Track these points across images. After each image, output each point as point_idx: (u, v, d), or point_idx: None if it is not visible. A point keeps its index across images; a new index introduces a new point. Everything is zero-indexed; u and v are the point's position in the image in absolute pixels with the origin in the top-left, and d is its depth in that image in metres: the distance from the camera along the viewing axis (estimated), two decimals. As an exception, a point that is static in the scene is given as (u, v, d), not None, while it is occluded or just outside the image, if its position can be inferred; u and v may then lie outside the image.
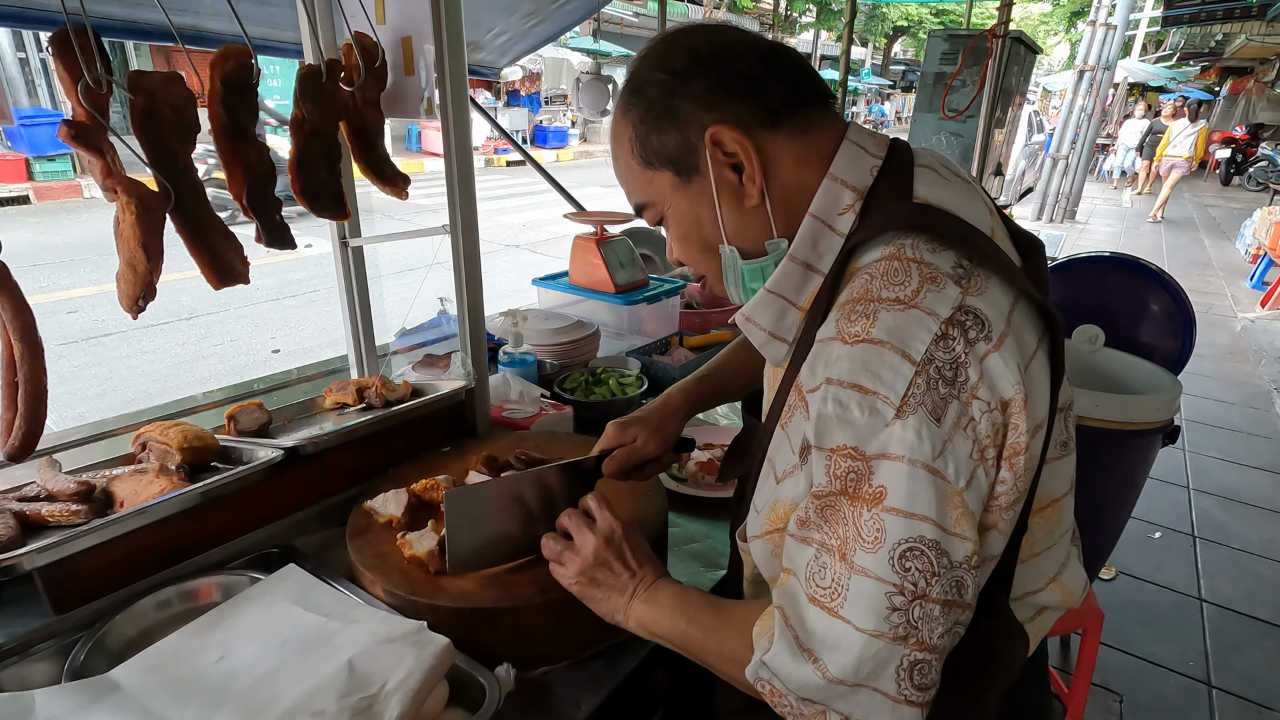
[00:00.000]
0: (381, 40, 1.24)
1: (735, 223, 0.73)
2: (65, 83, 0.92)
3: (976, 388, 0.56)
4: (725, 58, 0.70)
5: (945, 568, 0.56)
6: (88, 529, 0.84)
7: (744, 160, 0.69)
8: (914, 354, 0.56)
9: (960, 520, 0.56)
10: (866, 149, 0.70)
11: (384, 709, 0.68)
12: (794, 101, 0.70)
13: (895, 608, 0.56)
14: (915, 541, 0.55)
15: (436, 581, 0.88)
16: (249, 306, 5.43)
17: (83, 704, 0.70)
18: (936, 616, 0.56)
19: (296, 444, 1.06)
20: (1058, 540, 0.70)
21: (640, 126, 0.72)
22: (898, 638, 0.56)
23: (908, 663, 0.57)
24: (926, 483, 0.55)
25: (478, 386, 1.32)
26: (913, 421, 0.55)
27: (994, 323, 0.58)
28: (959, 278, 0.59)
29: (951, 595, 0.57)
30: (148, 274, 1.01)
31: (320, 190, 1.16)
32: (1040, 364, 0.60)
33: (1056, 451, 0.67)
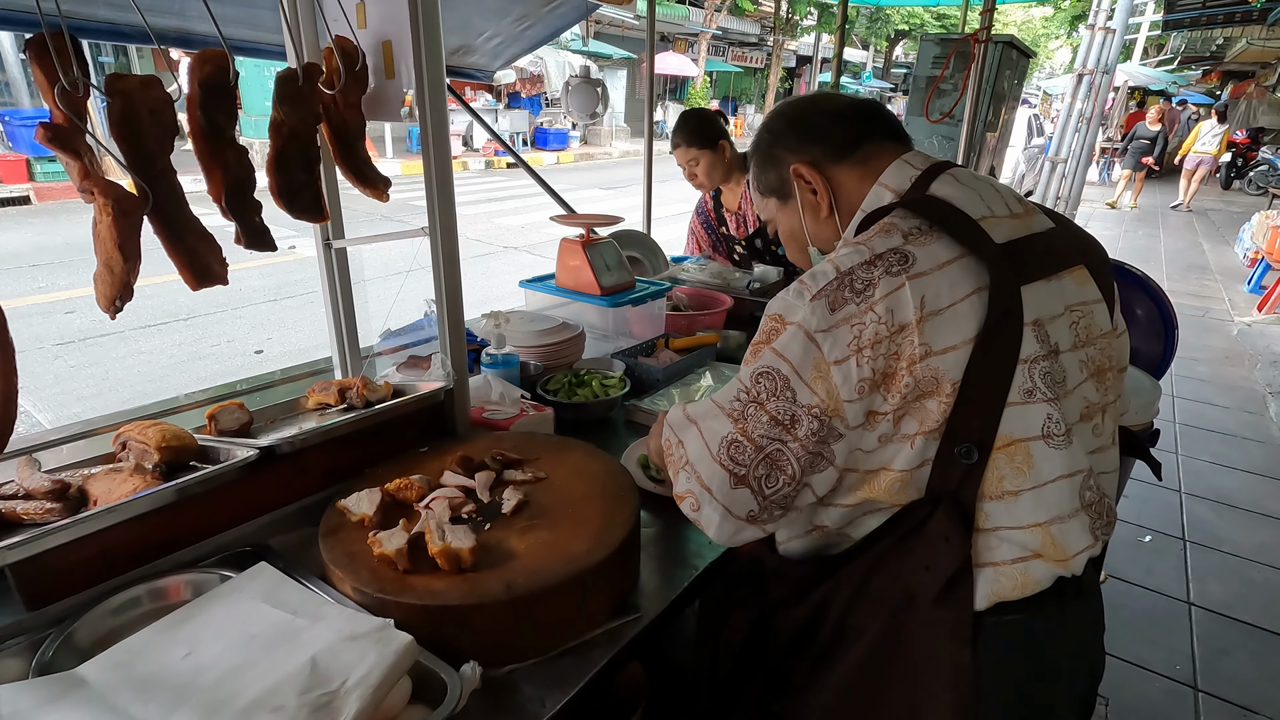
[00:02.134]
0: (362, 44, 1.26)
1: (815, 229, 1.02)
2: (42, 86, 0.93)
3: (876, 303, 0.77)
4: (806, 117, 1.00)
5: (786, 399, 0.79)
6: (59, 526, 0.85)
7: (816, 186, 0.98)
8: (842, 267, 0.80)
9: (816, 380, 0.78)
10: (913, 165, 0.93)
11: (343, 705, 0.68)
12: (856, 140, 0.97)
13: (738, 399, 0.83)
14: (772, 370, 0.81)
15: (405, 580, 0.89)
16: (246, 307, 5.44)
17: (47, 700, 0.71)
18: (763, 421, 0.81)
19: (272, 443, 1.07)
20: (1041, 487, 0.79)
21: (756, 170, 1.07)
22: (730, 416, 0.84)
23: (730, 437, 0.83)
24: (802, 342, 0.79)
25: (457, 387, 1.33)
26: (814, 305, 0.79)
27: (919, 263, 0.78)
28: (908, 232, 0.82)
29: (783, 418, 0.80)
30: (125, 275, 1.02)
31: (298, 192, 1.17)
32: (971, 306, 0.77)
33: (1018, 397, 0.78)
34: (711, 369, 1.89)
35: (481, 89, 15.85)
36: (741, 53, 25.34)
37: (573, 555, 0.94)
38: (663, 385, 1.76)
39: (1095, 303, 0.89)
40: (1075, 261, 0.89)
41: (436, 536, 0.89)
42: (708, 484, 0.84)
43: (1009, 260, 0.79)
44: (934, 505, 0.79)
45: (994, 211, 0.86)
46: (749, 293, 2.40)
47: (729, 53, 24.92)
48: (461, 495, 1.05)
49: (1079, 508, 0.82)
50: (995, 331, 0.76)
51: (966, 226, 0.81)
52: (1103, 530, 0.87)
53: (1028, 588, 0.81)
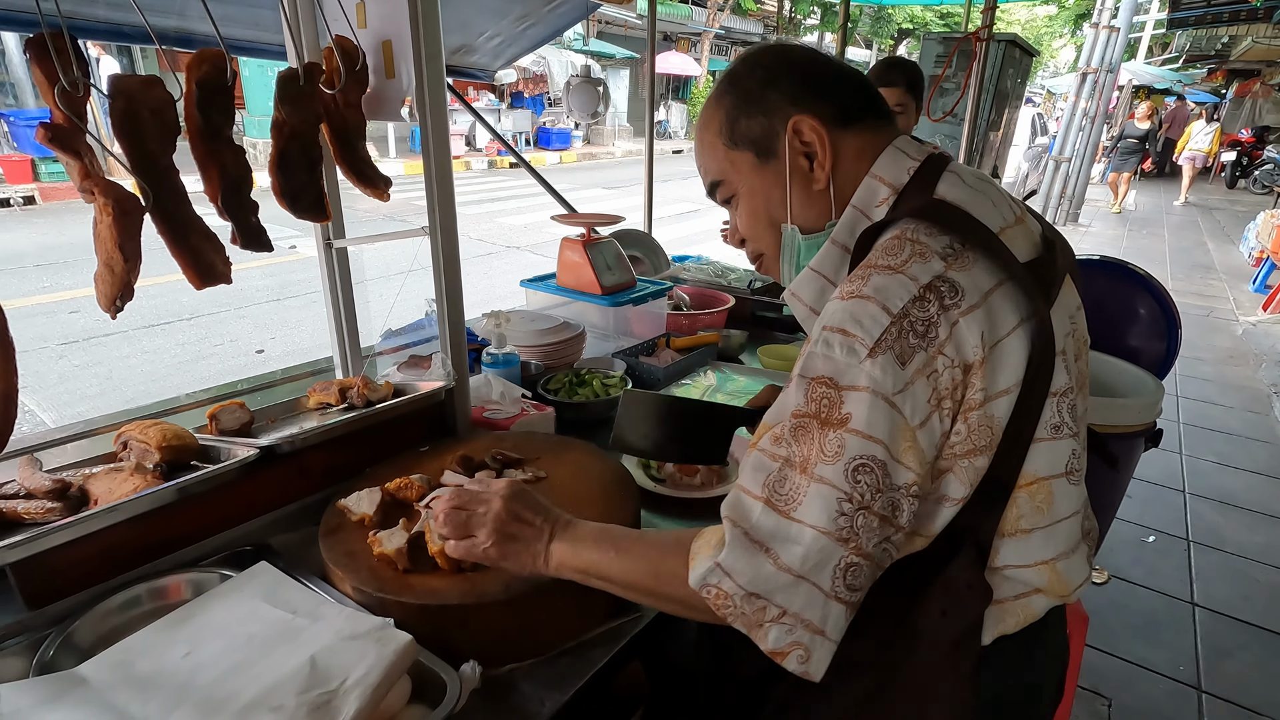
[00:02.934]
0: (362, 44, 1.25)
1: (801, 203, 0.84)
2: (42, 86, 0.94)
3: (944, 345, 0.65)
4: (813, 64, 0.83)
5: (888, 487, 0.66)
6: (59, 526, 0.86)
7: (818, 149, 0.81)
8: (892, 308, 0.66)
9: (907, 451, 0.66)
10: (908, 154, 0.82)
11: (342, 704, 0.68)
12: (863, 109, 0.83)
13: (843, 512, 0.65)
14: (868, 459, 0.65)
15: (404, 579, 0.89)
16: (250, 307, 5.45)
17: (47, 699, 0.71)
18: (875, 527, 0.66)
19: (272, 443, 1.07)
20: (1054, 524, 0.75)
21: (733, 110, 0.84)
22: (841, 539, 0.65)
23: (845, 563, 0.66)
24: (885, 412, 0.65)
25: (457, 386, 1.33)
26: (881, 361, 0.65)
27: (968, 294, 0.67)
28: (946, 255, 0.69)
29: (887, 512, 0.66)
30: (125, 275, 1.02)
31: (300, 192, 1.17)
32: (1018, 340, 0.68)
33: (1046, 433, 0.72)
34: (713, 368, 1.89)
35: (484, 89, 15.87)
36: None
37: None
38: (664, 385, 1.76)
39: (1079, 310, 0.84)
40: (1065, 269, 0.83)
41: (436, 536, 0.89)
42: (822, 627, 0.68)
43: (1039, 284, 0.71)
44: (955, 547, 0.72)
45: (1005, 220, 0.78)
46: (750, 292, 2.39)
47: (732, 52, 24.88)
48: (461, 495, 1.04)
49: (1080, 539, 0.80)
50: (1039, 370, 0.69)
51: (998, 246, 0.71)
52: (1094, 554, 0.86)
53: (1027, 620, 0.77)
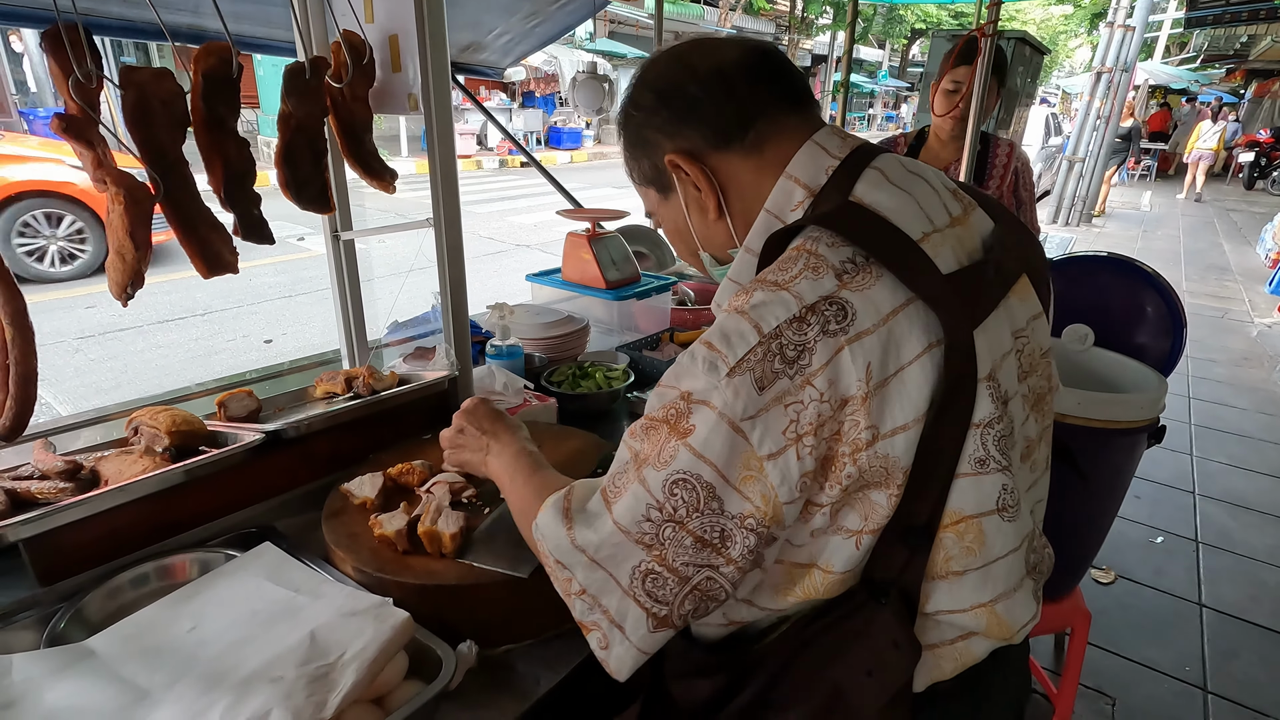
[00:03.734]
0: (370, 39, 1.28)
1: (703, 232, 0.81)
2: (57, 78, 0.96)
3: (814, 375, 0.59)
4: (680, 89, 0.75)
5: (713, 511, 0.61)
6: (70, 504, 0.88)
7: (698, 182, 0.76)
8: (765, 327, 0.60)
9: (748, 480, 0.60)
10: (828, 150, 0.73)
11: (339, 677, 0.70)
12: (747, 119, 0.74)
13: (650, 519, 0.63)
14: (690, 477, 0.61)
15: (404, 560, 0.91)
16: (262, 303, 5.51)
17: (57, 669, 0.74)
18: (687, 545, 0.62)
19: (278, 428, 1.09)
20: (990, 565, 0.68)
21: (626, 153, 0.83)
22: (641, 542, 0.64)
23: (645, 568, 0.64)
24: (726, 436, 0.60)
25: (461, 376, 1.35)
26: (736, 383, 0.59)
27: (861, 318, 0.60)
28: (843, 271, 0.62)
29: (710, 537, 0.62)
30: (136, 263, 1.05)
31: (305, 183, 1.19)
32: (922, 368, 0.61)
33: (969, 468, 0.65)
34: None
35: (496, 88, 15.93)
36: (756, 52, 25.24)
37: (569, 539, 0.95)
38: (666, 378, 1.77)
39: (1036, 319, 0.76)
40: (1019, 272, 0.74)
41: (429, 519, 0.91)
42: (619, 621, 0.67)
43: (961, 300, 0.63)
44: (878, 600, 0.66)
45: (935, 223, 0.69)
46: (755, 288, 2.40)
47: (743, 52, 24.83)
48: (462, 480, 1.06)
49: (1024, 575, 0.73)
50: (949, 400, 0.62)
51: (910, 257, 0.63)
52: (1041, 582, 0.79)
53: (965, 665, 0.71)
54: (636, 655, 0.67)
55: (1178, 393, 4.51)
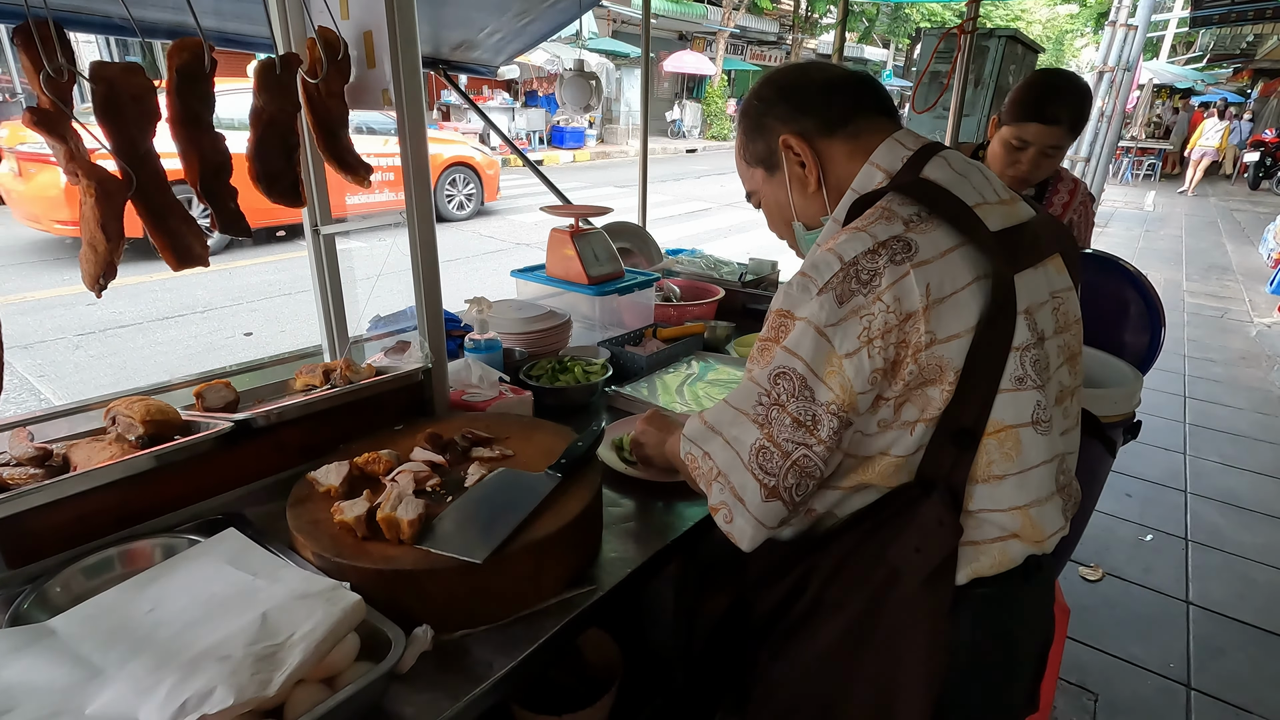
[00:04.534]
0: (345, 35, 1.29)
1: (801, 204, 0.98)
2: (29, 72, 0.98)
3: (883, 293, 0.76)
4: (799, 88, 0.96)
5: (805, 398, 0.78)
6: (36, 488, 0.90)
7: (807, 156, 0.94)
8: (845, 257, 0.78)
9: (831, 375, 0.77)
10: (904, 145, 0.91)
11: (286, 656, 0.72)
12: (848, 114, 0.94)
13: (760, 403, 0.81)
14: (788, 370, 0.79)
15: (363, 546, 0.92)
16: (261, 301, 5.55)
17: (17, 647, 0.76)
18: (787, 425, 0.79)
19: (247, 417, 1.11)
20: (1026, 472, 0.83)
21: (744, 137, 1.02)
22: (755, 420, 0.81)
23: (758, 444, 0.81)
24: (813, 338, 0.78)
25: (435, 368, 1.36)
26: (822, 299, 0.78)
27: (922, 251, 0.77)
28: (908, 219, 0.80)
29: (804, 419, 0.78)
30: (108, 254, 1.06)
31: (277, 177, 1.21)
32: (972, 294, 0.78)
33: (1010, 384, 0.80)
34: (697, 358, 1.91)
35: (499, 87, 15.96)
36: (760, 51, 25.23)
37: (527, 528, 0.97)
38: (646, 373, 1.78)
39: (1068, 290, 0.92)
40: (1054, 250, 0.91)
41: (388, 505, 0.92)
42: (740, 494, 0.82)
43: (1003, 248, 0.80)
44: (927, 489, 0.81)
45: (985, 198, 0.86)
46: (741, 285, 2.41)
47: (747, 51, 24.83)
48: (427, 469, 1.08)
49: (1054, 491, 0.87)
50: (993, 320, 0.77)
51: (964, 214, 0.80)
52: (1070, 511, 0.93)
53: (1003, 565, 0.84)
54: (755, 526, 0.81)
55: (1173, 392, 4.50)
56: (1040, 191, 1.99)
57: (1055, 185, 2.02)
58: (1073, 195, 2.01)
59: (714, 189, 12.02)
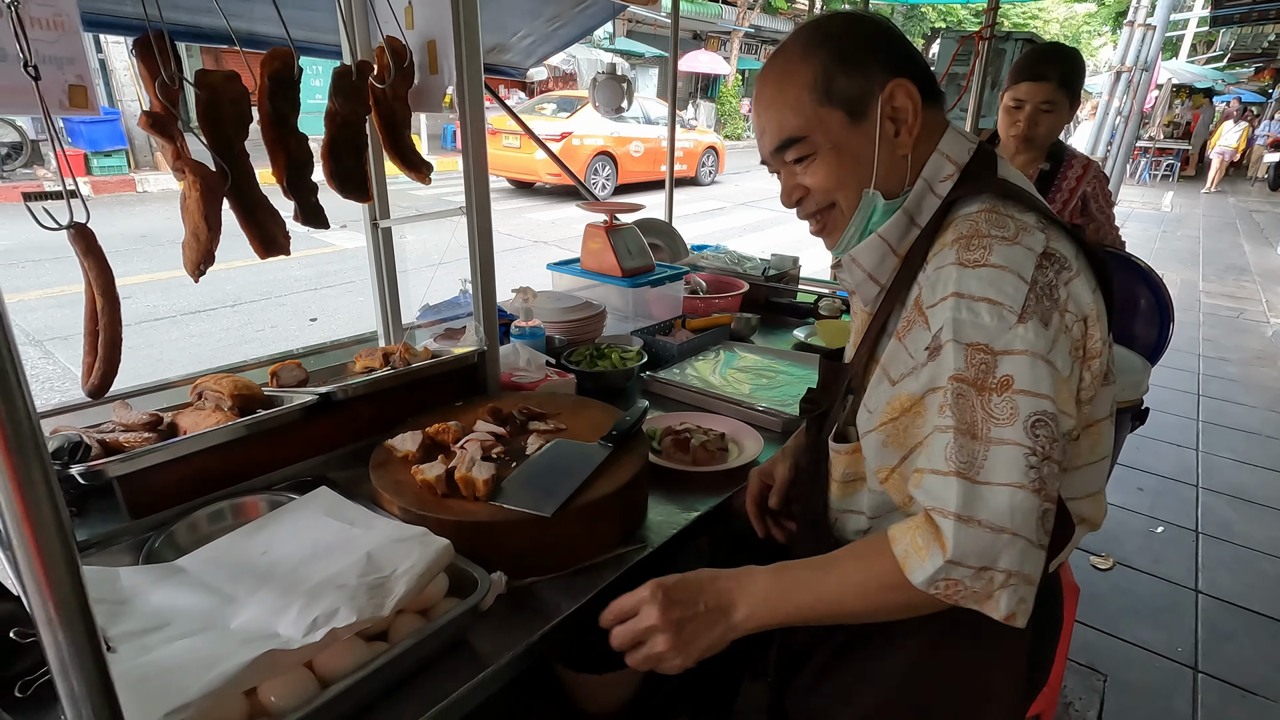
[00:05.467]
0: (409, 43, 1.41)
1: (888, 163, 0.89)
2: (145, 80, 1.10)
3: (1066, 304, 0.75)
4: (900, 39, 0.90)
5: (1061, 436, 0.72)
6: (156, 447, 1.02)
7: (909, 115, 0.86)
8: (1025, 275, 0.74)
9: (1067, 401, 0.74)
10: (965, 136, 0.91)
11: (394, 586, 0.83)
12: (934, 88, 0.90)
13: (1032, 465, 0.70)
14: (1041, 415, 0.71)
15: (443, 502, 1.04)
16: (289, 295, 5.70)
17: (156, 580, 0.87)
18: (1056, 474, 0.72)
19: (329, 390, 1.23)
20: (1099, 461, 0.86)
21: (831, 66, 0.86)
22: (1036, 489, 0.70)
23: (1042, 510, 0.71)
24: (1045, 370, 0.72)
25: (489, 350, 1.48)
26: (1031, 325, 0.73)
27: (1070, 259, 0.78)
28: (1041, 228, 0.79)
29: (1062, 458, 0.73)
30: (208, 243, 1.18)
31: (348, 175, 1.32)
32: (1097, 299, 0.79)
33: (1103, 380, 0.82)
34: (724, 347, 2.02)
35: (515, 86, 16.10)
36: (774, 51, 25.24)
37: (585, 490, 1.08)
38: (677, 360, 1.89)
39: None
40: None
41: (463, 467, 1.04)
42: (1034, 578, 0.72)
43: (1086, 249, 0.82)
44: None
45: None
46: (764, 279, 2.51)
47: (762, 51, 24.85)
48: (492, 439, 1.19)
49: (1105, 477, 0.92)
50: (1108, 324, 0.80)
51: (1066, 225, 0.81)
52: None
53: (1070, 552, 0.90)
54: (1032, 592, 0.72)
55: (1187, 390, 4.55)
56: (1055, 168, 2.16)
57: (1069, 162, 2.19)
58: (1085, 170, 2.18)
59: (729, 189, 12.11)
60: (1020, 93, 2.01)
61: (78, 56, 1.13)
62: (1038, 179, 2.16)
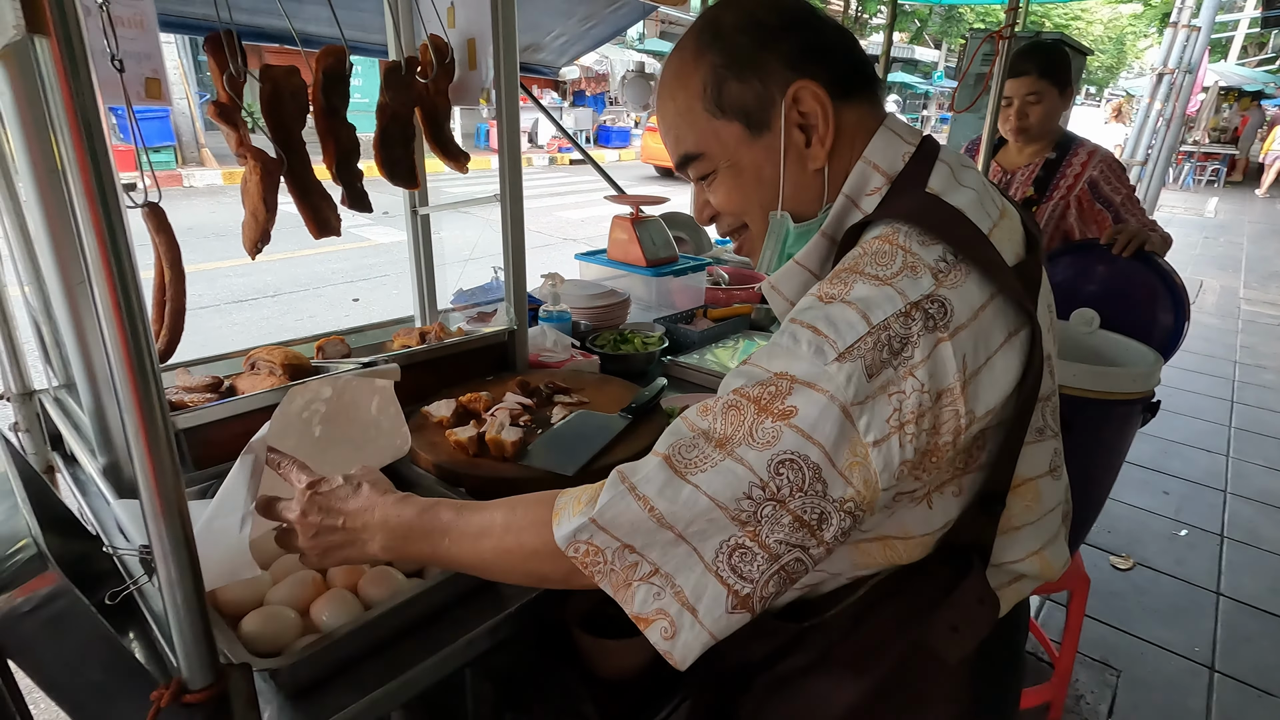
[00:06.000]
0: (451, 41, 1.50)
1: (795, 184, 0.75)
2: (214, 73, 1.21)
3: (916, 367, 0.60)
4: (813, 24, 0.73)
5: (816, 494, 0.60)
6: (217, 404, 1.13)
7: (819, 122, 0.71)
8: (873, 318, 0.61)
9: (853, 467, 0.60)
10: (902, 137, 0.74)
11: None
12: (860, 78, 0.74)
13: (750, 497, 0.60)
14: (799, 458, 0.60)
15: (474, 461, 1.13)
16: (326, 287, 5.90)
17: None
18: (784, 524, 0.60)
19: (372, 360, 1.33)
20: (1041, 518, 0.76)
21: (721, 71, 0.73)
22: (737, 519, 0.61)
23: (735, 543, 0.61)
24: (836, 420, 0.59)
25: (518, 330, 1.57)
26: (848, 368, 0.60)
27: (958, 314, 0.61)
28: (938, 270, 0.63)
29: (809, 518, 0.60)
30: (265, 223, 1.29)
31: (397, 163, 1.42)
32: (1006, 356, 0.64)
33: (1032, 437, 0.71)
34: (744, 336, 2.08)
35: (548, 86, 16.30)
36: (807, 52, 25.13)
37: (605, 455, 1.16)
38: (698, 346, 1.96)
39: (1049, 291, 0.80)
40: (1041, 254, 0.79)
41: (493, 429, 1.13)
42: (693, 603, 0.63)
43: (1027, 290, 0.67)
44: (962, 562, 0.69)
45: (992, 217, 0.71)
46: (786, 273, 2.56)
47: (795, 52, 24.76)
48: (520, 408, 1.28)
49: (1060, 524, 0.81)
50: (1027, 382, 0.64)
51: (990, 254, 0.65)
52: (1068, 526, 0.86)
53: (1016, 601, 0.79)
54: (705, 640, 0.63)
55: (1220, 396, 4.48)
56: (1061, 156, 2.24)
57: (1075, 150, 2.26)
58: (1091, 156, 2.24)
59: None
60: (1007, 90, 2.15)
61: (154, 52, 1.25)
62: (1043, 166, 2.24)
